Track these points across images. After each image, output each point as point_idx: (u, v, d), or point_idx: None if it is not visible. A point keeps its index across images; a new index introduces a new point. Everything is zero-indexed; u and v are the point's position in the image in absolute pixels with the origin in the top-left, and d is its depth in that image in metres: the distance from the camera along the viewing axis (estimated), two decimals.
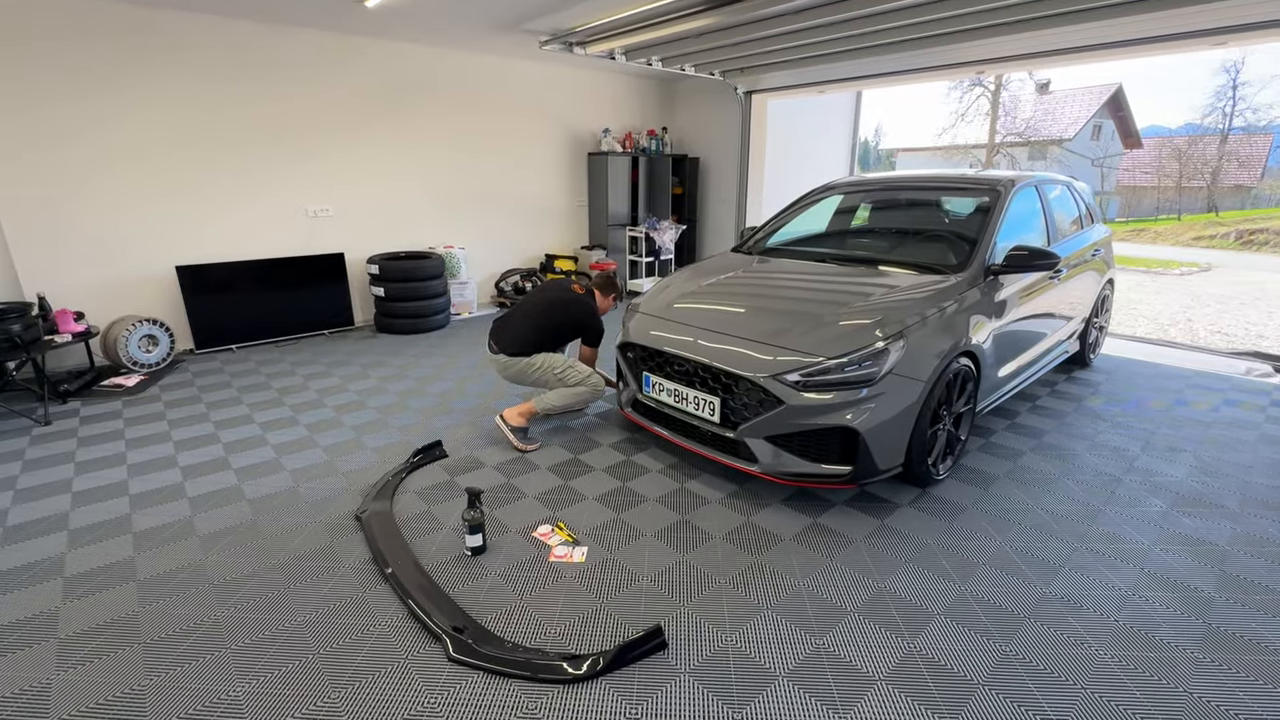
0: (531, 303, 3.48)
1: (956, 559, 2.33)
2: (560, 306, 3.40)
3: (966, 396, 2.93)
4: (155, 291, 4.88)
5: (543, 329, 3.33)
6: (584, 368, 3.34)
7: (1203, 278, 11.37)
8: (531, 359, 3.28)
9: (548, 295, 3.49)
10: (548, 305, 3.41)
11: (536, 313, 3.38)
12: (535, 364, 3.28)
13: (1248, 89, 30.55)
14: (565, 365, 3.30)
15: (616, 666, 1.81)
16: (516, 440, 3.24)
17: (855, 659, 1.84)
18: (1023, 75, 22.75)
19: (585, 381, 3.31)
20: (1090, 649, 1.88)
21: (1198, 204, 24.79)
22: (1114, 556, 2.33)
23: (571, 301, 3.41)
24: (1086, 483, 2.88)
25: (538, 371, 3.29)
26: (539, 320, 3.34)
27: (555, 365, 3.29)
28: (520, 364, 3.29)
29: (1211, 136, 25.50)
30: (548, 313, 3.38)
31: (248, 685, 1.75)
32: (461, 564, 2.32)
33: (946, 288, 2.85)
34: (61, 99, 4.30)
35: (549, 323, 3.35)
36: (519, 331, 3.32)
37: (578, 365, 3.34)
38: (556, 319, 3.37)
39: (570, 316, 3.39)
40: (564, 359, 3.33)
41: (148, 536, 2.48)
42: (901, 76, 5.98)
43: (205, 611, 2.05)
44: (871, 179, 4.20)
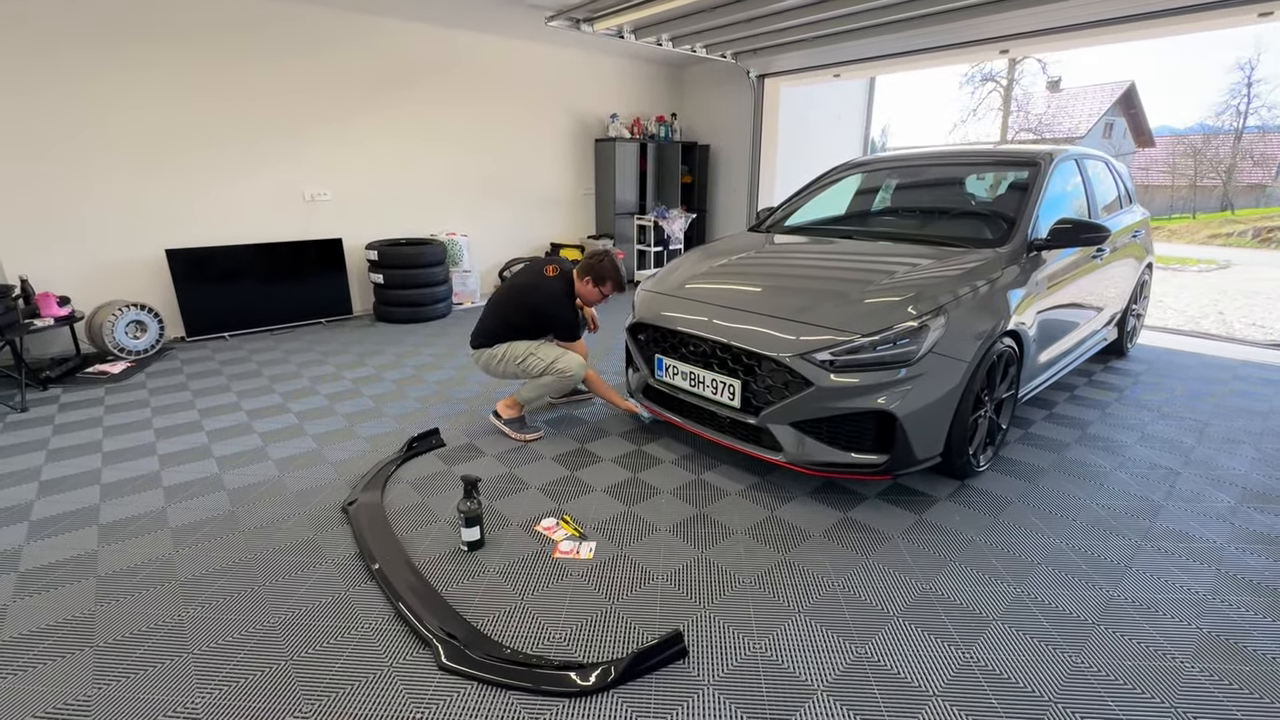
0: (500, 290, 3.21)
1: (1008, 558, 2.09)
2: (519, 293, 3.05)
3: (1010, 381, 2.69)
4: (145, 276, 4.68)
5: (505, 317, 3.04)
6: (550, 353, 2.99)
7: (1222, 274, 11.08)
8: (493, 350, 3.02)
9: (515, 280, 3.16)
10: (510, 291, 3.11)
11: (502, 299, 3.11)
12: (496, 355, 3.01)
13: (1262, 86, 30.05)
14: (525, 354, 2.99)
15: (630, 677, 1.58)
16: (512, 432, 3.02)
17: (903, 670, 1.61)
18: (1035, 70, 22.41)
19: (550, 369, 2.97)
20: (1173, 660, 1.64)
21: (1211, 203, 24.39)
22: (1185, 556, 2.09)
23: (532, 288, 3.03)
24: (1142, 476, 2.63)
25: (500, 363, 3.03)
26: (503, 307, 3.06)
27: (516, 355, 2.99)
28: (483, 356, 3.06)
29: (1225, 135, 25.09)
30: (510, 299, 3.07)
31: (207, 696, 1.53)
32: (457, 560, 2.09)
33: (986, 263, 2.61)
34: (46, 76, 4.11)
35: (511, 310, 3.04)
36: (484, 321, 3.08)
37: (541, 351, 2.99)
38: (516, 306, 3.04)
39: (527, 301, 3.01)
40: (525, 346, 3.01)
41: (114, 529, 2.27)
42: (917, 57, 5.73)
43: (168, 611, 1.83)
44: (896, 155, 3.96)
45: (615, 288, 3.05)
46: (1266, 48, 32.34)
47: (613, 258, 3.03)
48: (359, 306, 5.75)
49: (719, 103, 7.35)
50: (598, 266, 3.01)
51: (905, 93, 51.61)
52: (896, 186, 3.83)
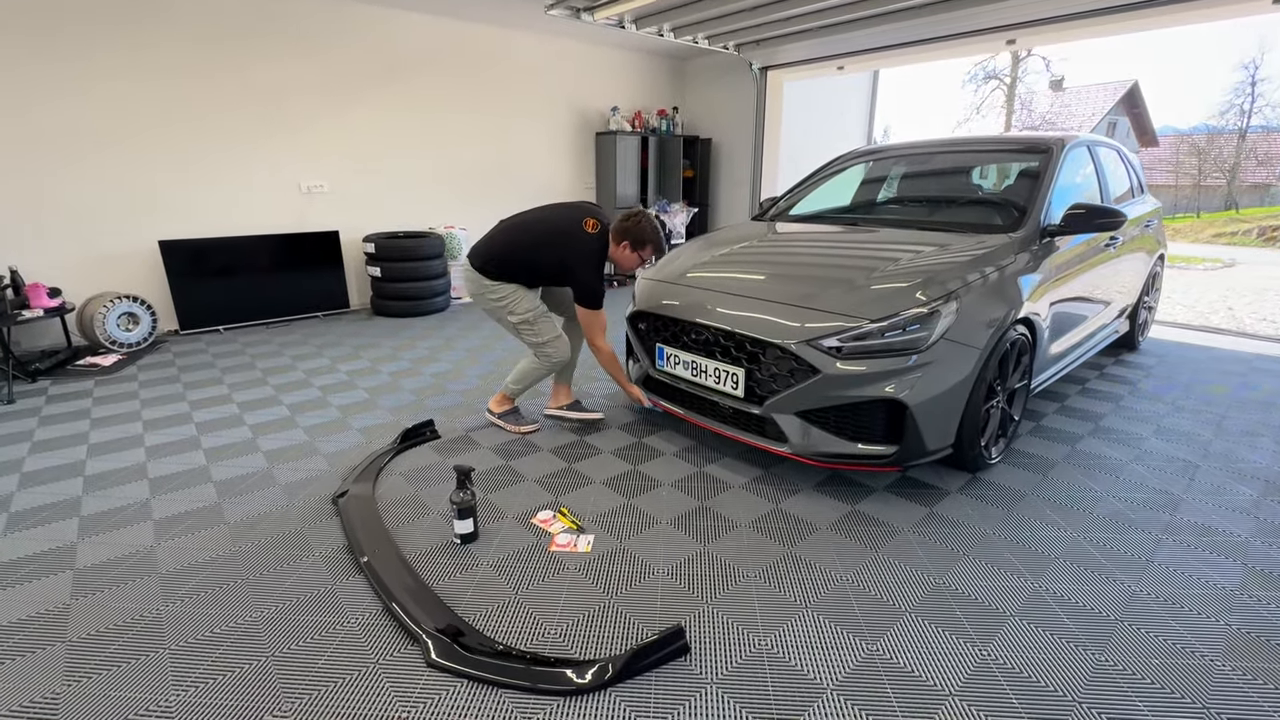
0: (525, 215, 2.70)
1: (1023, 552, 2.00)
2: (552, 235, 2.57)
3: (1022, 371, 2.60)
4: (138, 268, 4.61)
5: (525, 252, 2.57)
6: (547, 329, 2.65)
7: (1229, 273, 10.99)
8: (494, 284, 2.58)
9: (545, 213, 2.69)
10: (541, 227, 2.61)
11: (527, 231, 2.60)
12: (496, 293, 2.60)
13: (1266, 86, 29.93)
14: (524, 317, 2.61)
15: (629, 675, 1.50)
16: (508, 425, 2.88)
17: (918, 668, 1.52)
18: (1039, 68, 22.31)
19: (542, 349, 2.63)
20: (1203, 658, 1.55)
21: (1215, 202, 24.26)
22: (1208, 550, 2.00)
23: (568, 237, 2.56)
24: (1160, 469, 2.55)
25: (495, 303, 2.64)
26: (525, 241, 2.57)
27: (516, 311, 2.60)
28: (480, 283, 2.62)
29: (1229, 135, 24.96)
30: (539, 237, 2.58)
31: (182, 694, 1.45)
32: (449, 553, 2.01)
33: (998, 248, 2.52)
34: (37, 62, 4.03)
35: (530, 245, 2.57)
36: (495, 242, 2.61)
37: (540, 325, 2.64)
38: (540, 243, 2.56)
39: (555, 251, 2.55)
40: (528, 306, 2.62)
41: (95, 521, 2.19)
42: (922, 48, 5.63)
43: (145, 605, 1.75)
44: (902, 144, 3.87)
45: (656, 250, 2.64)
46: (1270, 47, 32.23)
47: (650, 217, 2.62)
48: (356, 300, 5.67)
49: (721, 96, 7.26)
50: (635, 228, 2.58)
51: (907, 91, 51.51)
52: (904, 176, 3.74)
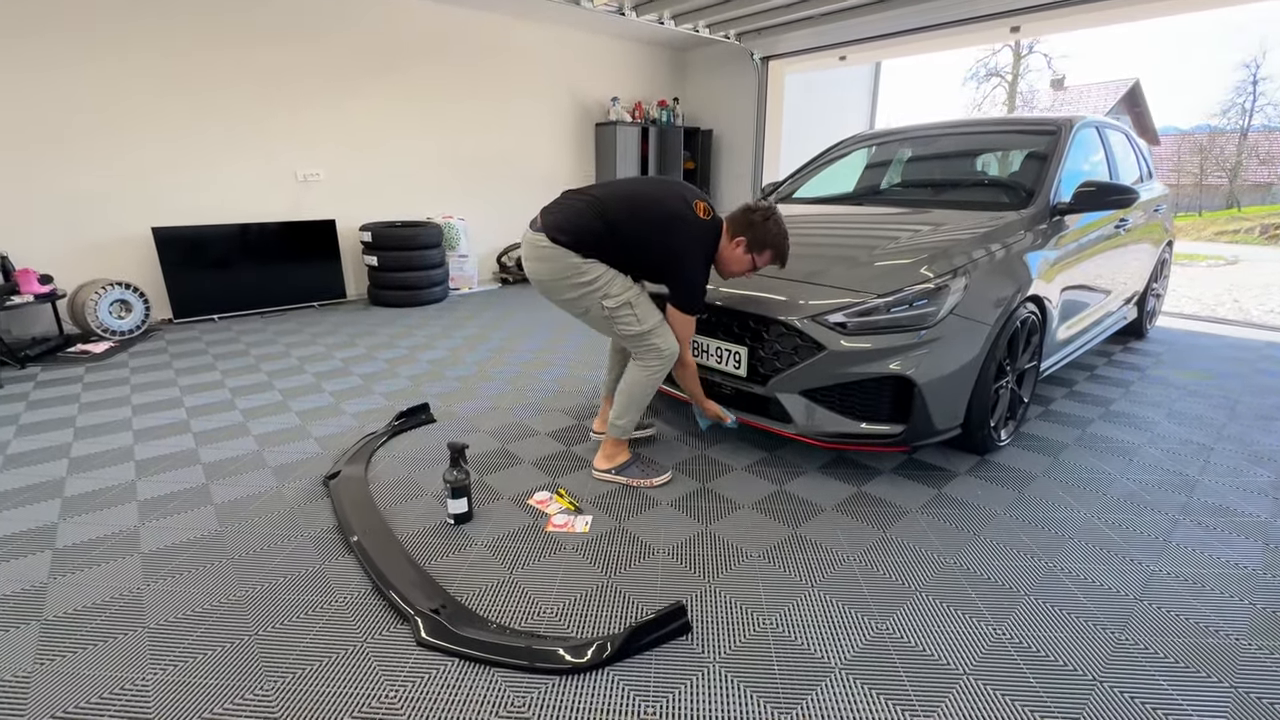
0: (618, 187, 2.15)
1: (1036, 532, 1.93)
2: (661, 211, 2.02)
3: (1032, 351, 2.54)
4: (131, 256, 4.54)
5: (623, 228, 2.00)
6: (651, 314, 2.08)
7: (1232, 269, 10.93)
8: (582, 263, 1.99)
9: (647, 187, 2.15)
10: (643, 199, 2.07)
11: (624, 201, 2.05)
12: (588, 274, 1.99)
13: (1268, 85, 29.85)
14: (625, 301, 2.02)
15: (628, 654, 1.43)
16: (637, 479, 2.19)
17: (929, 648, 1.46)
18: (1040, 65, 22.26)
19: (646, 340, 2.05)
20: (1227, 637, 1.48)
21: (1217, 201, 24.20)
22: (1228, 530, 1.93)
23: (677, 220, 2.02)
24: (1173, 451, 2.48)
25: (584, 288, 2.01)
26: (624, 212, 2.02)
27: (612, 289, 2.01)
28: (566, 261, 1.98)
29: (1230, 134, 24.90)
30: (639, 208, 2.04)
31: (160, 672, 1.38)
32: (442, 534, 1.94)
33: (1006, 225, 2.46)
34: (27, 44, 3.97)
35: (634, 224, 2.01)
36: (580, 213, 2.02)
37: (642, 309, 2.06)
38: (647, 223, 2.01)
39: (663, 235, 2.00)
40: (624, 287, 2.04)
41: (79, 501, 2.12)
42: (924, 35, 5.57)
43: (125, 584, 1.69)
44: (906, 127, 3.80)
45: (777, 259, 2.10)
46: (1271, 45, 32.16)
47: (781, 218, 2.08)
48: (353, 290, 5.61)
49: (722, 86, 7.20)
50: (763, 226, 2.04)
51: (908, 88, 51.47)
52: (909, 159, 3.67)
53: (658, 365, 2.10)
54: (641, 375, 2.13)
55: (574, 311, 2.13)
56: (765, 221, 2.05)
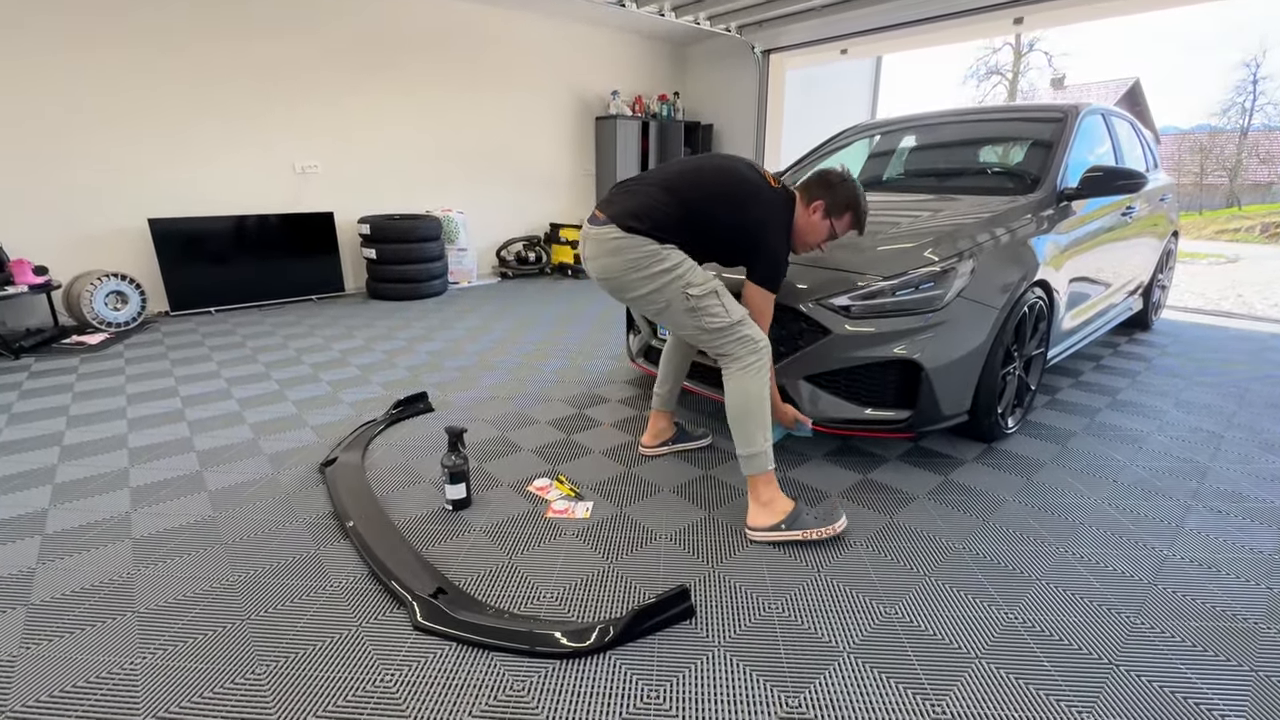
0: (680, 165, 1.95)
1: (1046, 517, 1.90)
2: (731, 182, 1.85)
3: (1040, 337, 2.50)
4: (127, 247, 4.50)
5: (694, 206, 1.81)
6: (736, 306, 1.82)
7: (1233, 267, 10.90)
8: (660, 249, 1.77)
9: (715, 161, 1.93)
10: (709, 172, 1.88)
11: (689, 177, 1.86)
12: (664, 261, 1.77)
13: (1268, 84, 29.84)
14: (709, 291, 1.78)
15: (630, 638, 1.39)
16: (811, 531, 1.76)
17: (940, 631, 1.42)
18: (1040, 64, 22.26)
19: (737, 331, 1.79)
20: (1244, 621, 1.44)
21: (1217, 200, 24.18)
22: (1241, 516, 1.90)
23: (754, 190, 1.84)
24: (1183, 439, 2.44)
25: (663, 278, 1.77)
26: (692, 189, 1.83)
27: (694, 277, 1.79)
28: (641, 249, 1.76)
29: (1230, 134, 24.88)
30: (707, 182, 1.85)
31: (149, 657, 1.34)
32: (440, 519, 1.90)
33: (1013, 209, 2.42)
34: (21, 34, 3.93)
35: (704, 199, 1.82)
36: (650, 196, 1.81)
37: (728, 299, 1.81)
38: (719, 197, 1.82)
39: (738, 209, 1.82)
40: (706, 276, 1.81)
41: (70, 488, 2.08)
42: (926, 28, 5.53)
43: (115, 569, 1.65)
44: (909, 116, 3.76)
45: (856, 224, 1.92)
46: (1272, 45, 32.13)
47: (856, 181, 1.92)
48: (352, 284, 5.57)
49: (723, 81, 7.16)
50: (841, 186, 1.87)
51: (909, 86, 51.48)
52: (914, 147, 3.63)
53: (756, 361, 1.79)
54: (747, 382, 1.78)
55: (652, 308, 1.86)
56: (844, 182, 1.89)
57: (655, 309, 1.87)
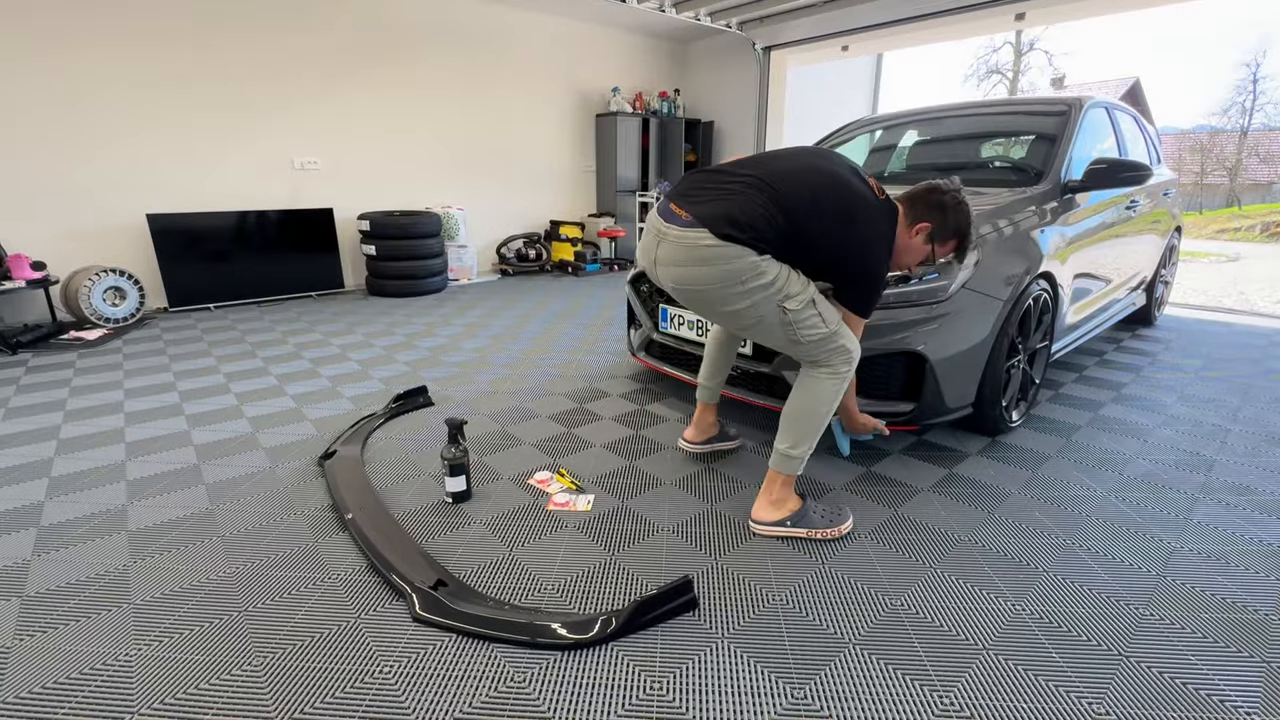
0: (782, 161, 1.67)
1: (1052, 510, 1.88)
2: (844, 193, 1.59)
3: (1044, 330, 2.48)
4: (126, 243, 4.48)
5: (795, 215, 1.54)
6: (833, 312, 1.66)
7: (1234, 266, 10.89)
8: (760, 262, 1.53)
9: (820, 163, 1.66)
10: (821, 175, 1.61)
11: (795, 178, 1.58)
12: (762, 275, 1.54)
13: (1268, 84, 29.82)
14: (802, 292, 1.59)
15: (633, 629, 1.37)
16: (819, 529, 1.73)
17: (947, 623, 1.40)
18: (1041, 63, 22.26)
19: (833, 342, 1.63)
20: (1256, 613, 1.42)
21: (1217, 200, 24.17)
22: (1250, 509, 1.88)
23: (864, 199, 1.61)
24: (1189, 433, 2.42)
25: (757, 295, 1.56)
26: (797, 195, 1.55)
27: (792, 288, 1.58)
28: (734, 262, 1.52)
29: (1230, 134, 24.87)
30: (817, 188, 1.58)
31: (144, 648, 1.32)
32: (440, 512, 1.88)
33: (1017, 201, 2.41)
34: (17, 27, 3.91)
35: (811, 209, 1.55)
36: (751, 200, 1.54)
37: (824, 306, 1.63)
38: (827, 206, 1.57)
39: (843, 222, 1.58)
40: (807, 282, 1.61)
41: (66, 481, 2.06)
42: (927, 23, 5.51)
43: (111, 560, 1.63)
44: (912, 110, 3.74)
45: (959, 251, 1.75)
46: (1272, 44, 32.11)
47: (968, 203, 1.72)
48: (351, 281, 5.55)
49: (723, 80, 7.15)
50: (955, 210, 1.68)
51: (909, 87, 51.46)
52: (917, 141, 3.61)
53: (847, 371, 1.67)
54: (829, 387, 1.66)
55: (741, 324, 1.66)
56: (958, 206, 1.67)
57: (747, 324, 1.66)
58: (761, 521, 1.76)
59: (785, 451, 1.72)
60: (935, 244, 1.70)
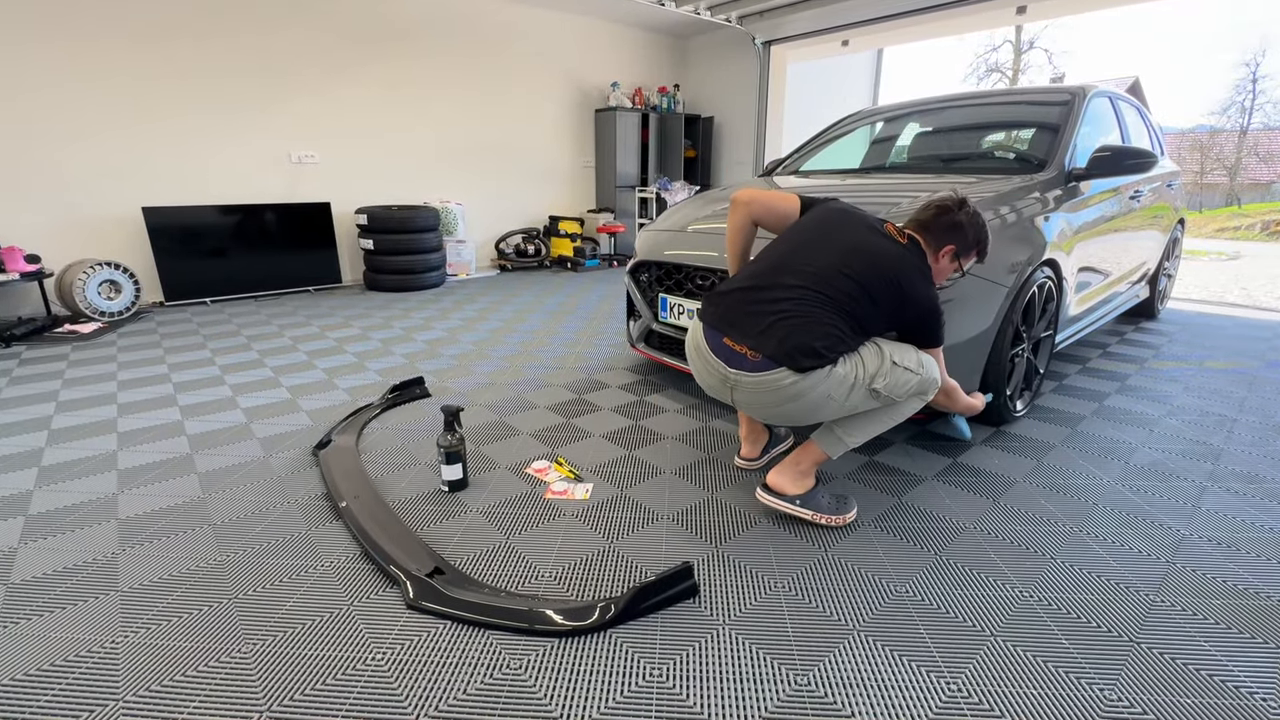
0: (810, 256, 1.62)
1: (1058, 498, 1.85)
2: (884, 265, 1.59)
3: (1048, 319, 2.45)
4: (122, 237, 4.45)
5: (854, 310, 1.55)
6: (908, 353, 1.64)
7: (1234, 264, 10.87)
8: (837, 372, 1.54)
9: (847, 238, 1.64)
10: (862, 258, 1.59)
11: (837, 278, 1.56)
12: (846, 379, 1.55)
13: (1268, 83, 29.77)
14: (886, 365, 1.58)
15: (632, 616, 1.34)
16: (825, 515, 1.69)
17: (953, 610, 1.37)
18: (1040, 62, 22.26)
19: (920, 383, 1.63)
20: (1268, 600, 1.40)
21: (1217, 199, 24.16)
22: (1259, 496, 1.85)
23: (899, 257, 1.62)
24: (1195, 423, 2.39)
25: (845, 394, 1.57)
26: (847, 299, 1.55)
27: (868, 367, 1.58)
28: (818, 387, 1.54)
29: (1229, 133, 24.86)
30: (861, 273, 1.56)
31: (132, 635, 1.29)
32: (436, 500, 1.85)
33: (1020, 188, 2.38)
34: (13, 20, 3.88)
35: (862, 296, 1.55)
36: (815, 319, 1.53)
37: (901, 354, 1.62)
38: (875, 288, 1.56)
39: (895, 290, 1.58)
40: (877, 353, 1.60)
41: (56, 470, 2.03)
42: (928, 17, 5.49)
43: (100, 548, 1.60)
44: (914, 100, 3.71)
45: (980, 257, 1.78)
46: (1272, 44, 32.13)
47: (977, 209, 1.73)
48: (349, 276, 5.52)
49: (723, 74, 7.12)
50: (971, 224, 1.69)
51: (909, 86, 51.52)
52: (919, 132, 3.58)
53: (933, 393, 1.70)
54: (909, 405, 1.68)
55: (839, 415, 1.67)
56: (971, 218, 1.69)
57: (842, 414, 1.66)
58: (775, 491, 1.72)
59: (839, 434, 1.70)
60: (961, 259, 1.73)
